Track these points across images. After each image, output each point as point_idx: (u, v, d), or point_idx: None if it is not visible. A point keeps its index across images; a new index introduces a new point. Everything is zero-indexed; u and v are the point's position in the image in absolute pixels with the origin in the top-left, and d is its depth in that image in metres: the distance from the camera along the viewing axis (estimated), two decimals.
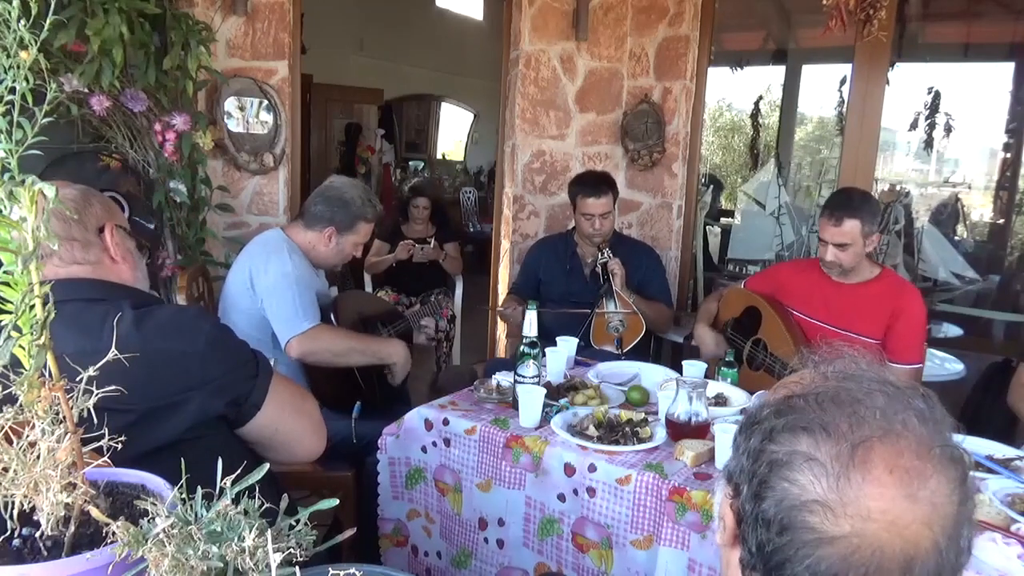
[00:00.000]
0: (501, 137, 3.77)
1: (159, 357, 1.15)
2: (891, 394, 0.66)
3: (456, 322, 4.35)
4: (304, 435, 1.37)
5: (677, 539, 1.58)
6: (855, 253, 2.27)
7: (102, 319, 1.14)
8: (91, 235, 1.25)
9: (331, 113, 8.07)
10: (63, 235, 1.22)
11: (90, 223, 1.25)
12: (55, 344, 1.04)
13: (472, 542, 1.91)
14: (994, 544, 1.35)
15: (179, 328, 1.20)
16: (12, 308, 0.74)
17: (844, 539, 0.61)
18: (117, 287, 1.26)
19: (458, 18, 8.88)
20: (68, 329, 1.13)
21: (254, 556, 0.66)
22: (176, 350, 1.18)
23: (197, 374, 1.18)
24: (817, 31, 2.84)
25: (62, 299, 1.13)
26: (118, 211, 1.34)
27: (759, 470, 0.66)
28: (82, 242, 1.24)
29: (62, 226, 1.22)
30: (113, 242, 1.27)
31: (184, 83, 2.64)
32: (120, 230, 1.30)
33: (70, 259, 1.23)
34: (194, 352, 1.19)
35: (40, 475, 0.73)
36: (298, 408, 1.36)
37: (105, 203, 1.31)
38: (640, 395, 2.05)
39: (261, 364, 1.30)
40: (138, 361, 0.99)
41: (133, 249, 1.33)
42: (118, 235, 1.29)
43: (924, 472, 0.62)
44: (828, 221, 2.27)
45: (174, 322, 1.21)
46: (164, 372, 1.16)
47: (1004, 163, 5.35)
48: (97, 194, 1.31)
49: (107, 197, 1.35)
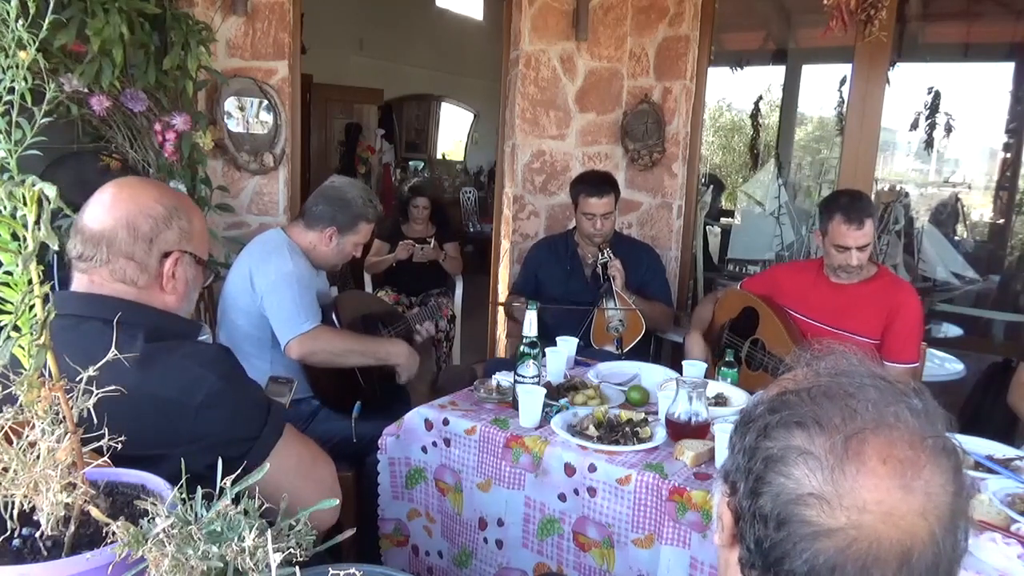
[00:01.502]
0: (501, 137, 3.77)
1: (150, 404, 1.06)
2: (882, 388, 0.67)
3: (456, 322, 4.36)
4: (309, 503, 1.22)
5: (678, 538, 1.58)
6: (869, 250, 2.31)
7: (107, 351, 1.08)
8: (152, 260, 1.17)
9: (331, 113, 8.07)
10: (123, 250, 1.15)
11: (158, 247, 1.17)
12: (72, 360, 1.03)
13: (472, 542, 1.91)
14: (994, 544, 1.35)
15: (182, 376, 1.10)
16: (12, 308, 0.74)
17: (841, 531, 0.61)
18: (146, 311, 1.17)
19: (458, 18, 8.88)
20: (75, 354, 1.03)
21: (254, 556, 0.66)
22: (170, 400, 1.08)
23: (185, 430, 1.08)
24: (817, 31, 2.84)
25: (90, 315, 1.11)
26: (197, 233, 1.24)
27: (755, 467, 0.67)
28: (139, 264, 1.16)
29: (128, 241, 1.15)
30: (171, 271, 1.19)
31: (184, 83, 2.64)
32: (188, 257, 1.22)
33: (120, 276, 1.16)
34: (189, 405, 1.09)
35: (40, 475, 0.73)
36: (306, 474, 1.23)
37: (186, 228, 1.21)
38: (640, 395, 2.05)
39: (269, 423, 1.17)
40: (128, 403, 0.92)
41: (192, 279, 1.24)
42: (182, 264, 1.21)
43: (917, 462, 0.62)
44: (850, 226, 2.25)
45: (179, 368, 1.11)
46: (151, 421, 1.06)
47: (1004, 163, 5.35)
48: (184, 214, 1.21)
49: (197, 217, 1.24)
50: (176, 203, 1.21)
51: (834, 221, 2.29)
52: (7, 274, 0.74)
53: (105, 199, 1.18)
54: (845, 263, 2.30)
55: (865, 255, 2.29)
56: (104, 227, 1.15)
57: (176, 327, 1.22)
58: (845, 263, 2.30)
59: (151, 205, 1.17)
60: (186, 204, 1.24)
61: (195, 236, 1.23)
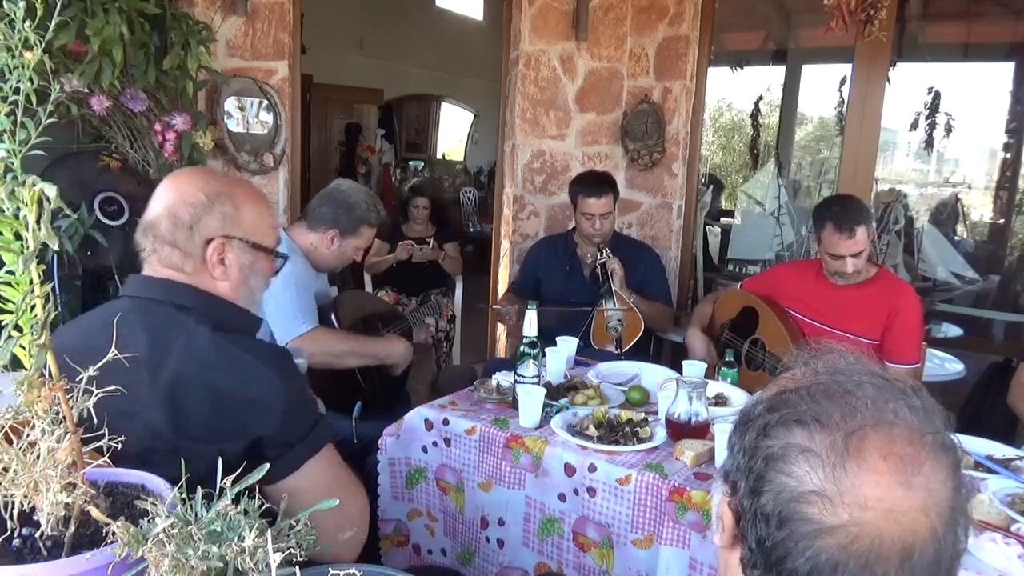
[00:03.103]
0: (501, 137, 3.77)
1: (208, 392, 1.09)
2: (880, 385, 0.67)
3: (456, 322, 4.35)
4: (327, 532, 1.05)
5: (678, 538, 1.58)
6: (866, 255, 2.30)
7: (177, 334, 1.12)
8: (195, 246, 1.19)
9: (331, 113, 8.07)
10: (166, 237, 1.17)
11: (200, 233, 1.19)
12: (127, 339, 1.08)
13: (474, 541, 1.91)
14: (994, 544, 1.35)
15: (242, 369, 1.12)
16: (13, 308, 0.74)
17: (843, 528, 0.61)
18: (209, 298, 1.20)
19: (458, 18, 8.88)
20: (144, 331, 1.12)
21: (254, 556, 0.66)
22: (227, 391, 1.10)
23: (234, 423, 1.10)
24: (817, 31, 2.84)
25: (153, 298, 1.17)
26: (248, 218, 1.23)
27: (755, 466, 0.67)
28: (183, 251, 1.18)
29: (170, 229, 1.17)
30: (216, 257, 1.20)
31: (184, 83, 2.64)
32: (238, 244, 1.22)
33: (167, 263, 1.19)
34: (243, 399, 1.10)
35: (40, 475, 0.73)
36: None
37: (231, 213, 1.21)
38: (640, 395, 2.05)
39: (310, 436, 1.16)
40: (190, 390, 1.01)
41: (248, 264, 1.24)
42: (232, 250, 1.21)
43: (917, 459, 0.62)
44: (841, 235, 2.25)
45: (241, 361, 1.13)
46: (207, 409, 1.09)
47: (1004, 163, 5.35)
48: (230, 200, 1.21)
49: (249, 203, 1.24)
50: (222, 190, 1.21)
51: (826, 230, 2.29)
52: (9, 274, 0.74)
53: (159, 190, 1.22)
54: (840, 270, 2.31)
55: (860, 261, 2.28)
56: (152, 217, 1.19)
57: (239, 320, 1.23)
58: (840, 270, 2.31)
59: (192, 192, 1.19)
60: (238, 191, 1.24)
61: (245, 221, 1.22)
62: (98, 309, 1.24)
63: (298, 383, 1.20)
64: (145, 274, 1.21)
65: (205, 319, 1.15)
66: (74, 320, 1.32)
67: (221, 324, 1.16)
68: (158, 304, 1.16)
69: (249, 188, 1.30)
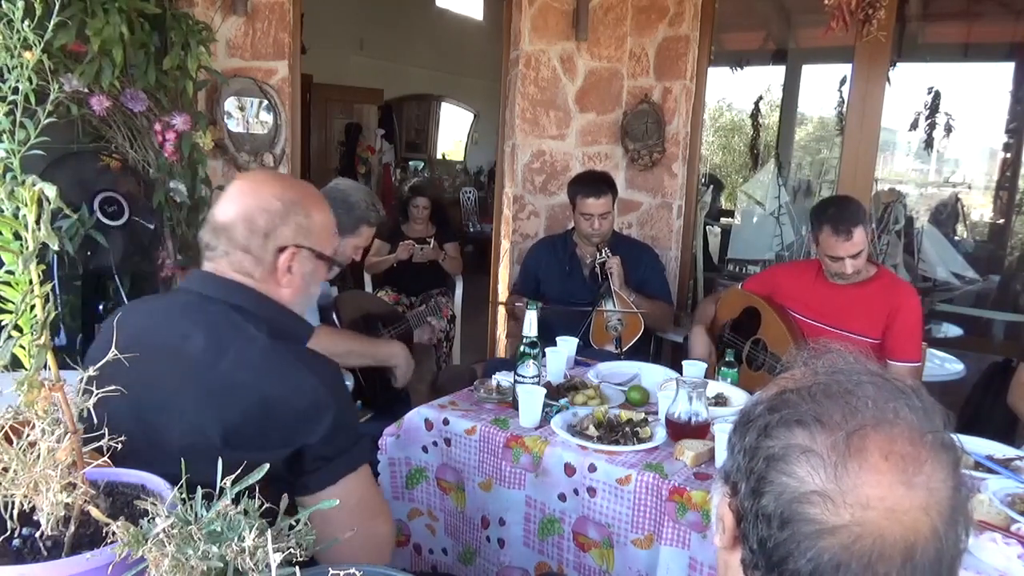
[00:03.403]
0: (501, 137, 3.77)
1: (257, 398, 1.08)
2: (880, 384, 0.67)
3: (456, 322, 4.35)
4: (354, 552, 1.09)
5: (678, 538, 1.58)
6: (865, 255, 2.30)
7: (233, 337, 1.12)
8: (268, 254, 1.19)
9: (331, 113, 8.07)
10: (240, 242, 1.18)
11: (274, 242, 1.19)
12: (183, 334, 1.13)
13: (476, 540, 1.91)
14: (994, 544, 1.35)
15: (295, 378, 1.11)
16: (13, 308, 0.74)
17: (845, 528, 0.61)
18: (269, 303, 1.21)
19: (458, 18, 8.88)
20: (201, 330, 1.13)
21: (254, 556, 0.66)
22: (278, 399, 1.09)
23: (280, 433, 1.08)
24: (817, 31, 2.84)
25: (214, 296, 1.18)
26: (318, 228, 1.24)
27: (756, 466, 0.66)
28: (256, 257, 1.19)
29: (244, 235, 1.18)
30: (285, 266, 1.21)
31: (184, 83, 2.64)
32: (306, 253, 1.23)
33: (237, 267, 1.19)
34: (293, 409, 1.10)
35: (40, 475, 0.73)
36: (360, 522, 1.14)
37: (304, 223, 1.22)
38: (640, 395, 2.05)
39: (349, 453, 1.14)
40: (241, 396, 1.03)
41: (310, 273, 1.25)
42: (299, 259, 1.22)
43: (918, 458, 0.62)
44: (838, 238, 2.25)
45: (295, 370, 1.12)
46: (254, 416, 1.08)
47: (1004, 163, 5.36)
48: (303, 209, 1.22)
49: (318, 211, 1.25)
50: (297, 198, 1.22)
51: (823, 233, 2.29)
52: (9, 273, 0.74)
53: (232, 192, 1.23)
54: (840, 271, 2.32)
55: (859, 261, 2.29)
56: (226, 219, 1.20)
57: (292, 327, 1.24)
58: (840, 271, 2.32)
59: (270, 200, 1.19)
60: (309, 199, 1.25)
61: (314, 231, 1.24)
62: (162, 298, 1.28)
63: (347, 398, 1.20)
64: (209, 271, 1.21)
65: (262, 324, 1.16)
66: (140, 300, 1.35)
67: (276, 330, 1.17)
68: (218, 304, 1.17)
69: (317, 195, 1.29)
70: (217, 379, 1.09)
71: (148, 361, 1.04)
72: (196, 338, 1.12)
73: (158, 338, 1.16)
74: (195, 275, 1.23)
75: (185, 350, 1.12)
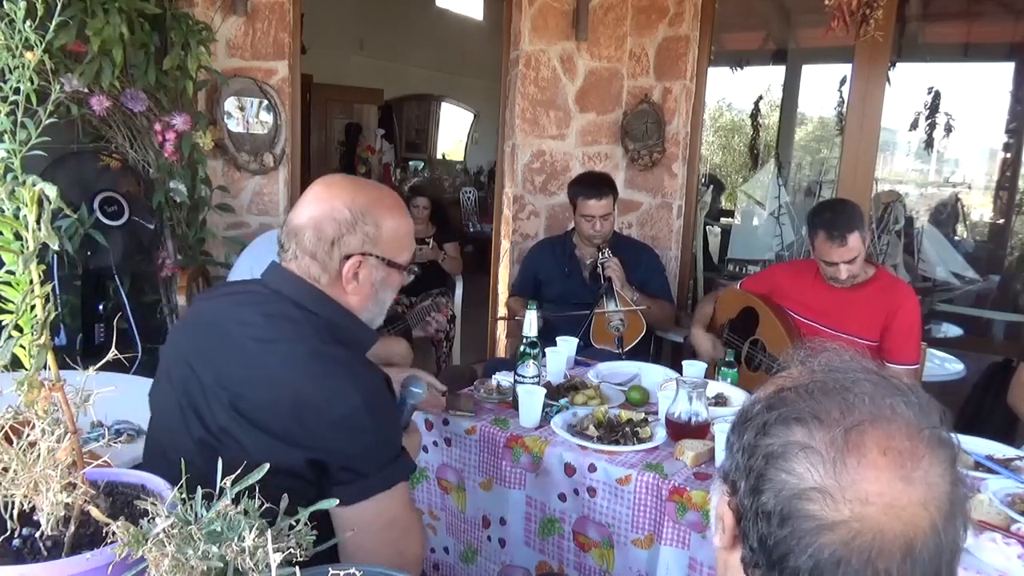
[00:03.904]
0: (501, 137, 3.77)
1: (289, 396, 1.09)
2: (876, 381, 0.67)
3: (456, 322, 4.35)
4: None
5: (678, 538, 1.58)
6: (861, 259, 2.29)
7: (287, 334, 1.15)
8: (334, 262, 1.20)
9: (331, 113, 8.07)
10: (308, 248, 1.20)
11: (340, 250, 1.20)
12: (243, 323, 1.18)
13: (477, 539, 1.91)
14: (994, 544, 1.35)
15: (331, 385, 1.10)
16: (13, 308, 0.74)
17: (844, 524, 0.61)
18: (335, 307, 1.21)
19: (458, 18, 8.87)
20: (260, 321, 1.17)
21: (254, 556, 0.66)
22: (310, 402, 1.09)
23: (307, 437, 1.08)
24: (817, 31, 2.84)
25: (282, 292, 1.21)
26: (388, 236, 1.24)
27: (755, 464, 0.67)
28: (321, 264, 1.20)
29: (312, 241, 1.19)
30: (351, 273, 1.21)
31: (184, 83, 2.64)
32: (373, 260, 1.23)
33: (304, 271, 1.21)
34: (324, 417, 1.09)
35: (40, 475, 0.73)
36: (391, 540, 1.14)
37: (373, 232, 1.21)
38: (640, 395, 2.05)
39: (386, 470, 1.13)
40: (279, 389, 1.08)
41: (379, 281, 1.26)
42: (366, 267, 1.23)
43: (916, 453, 0.62)
44: (832, 244, 2.24)
45: (333, 376, 1.11)
46: (285, 410, 1.09)
47: (1004, 163, 5.35)
48: (373, 218, 1.21)
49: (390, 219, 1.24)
50: (368, 207, 1.22)
51: (818, 238, 2.28)
52: (9, 273, 0.74)
53: (307, 196, 1.25)
54: (834, 276, 2.31)
55: (856, 266, 2.28)
56: (298, 224, 1.22)
57: (354, 333, 1.24)
58: (834, 276, 2.31)
59: (340, 209, 1.20)
60: (380, 207, 1.24)
61: (383, 240, 1.24)
62: (243, 285, 1.32)
63: (389, 415, 1.19)
64: (284, 267, 1.23)
65: (323, 326, 1.17)
66: (225, 285, 1.40)
67: (336, 335, 1.18)
68: (284, 300, 1.19)
69: (392, 201, 1.29)
70: (260, 368, 1.13)
71: (206, 337, 1.20)
72: (253, 328, 1.16)
73: (222, 320, 1.22)
74: (272, 268, 1.25)
75: (237, 334, 1.17)
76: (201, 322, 1.27)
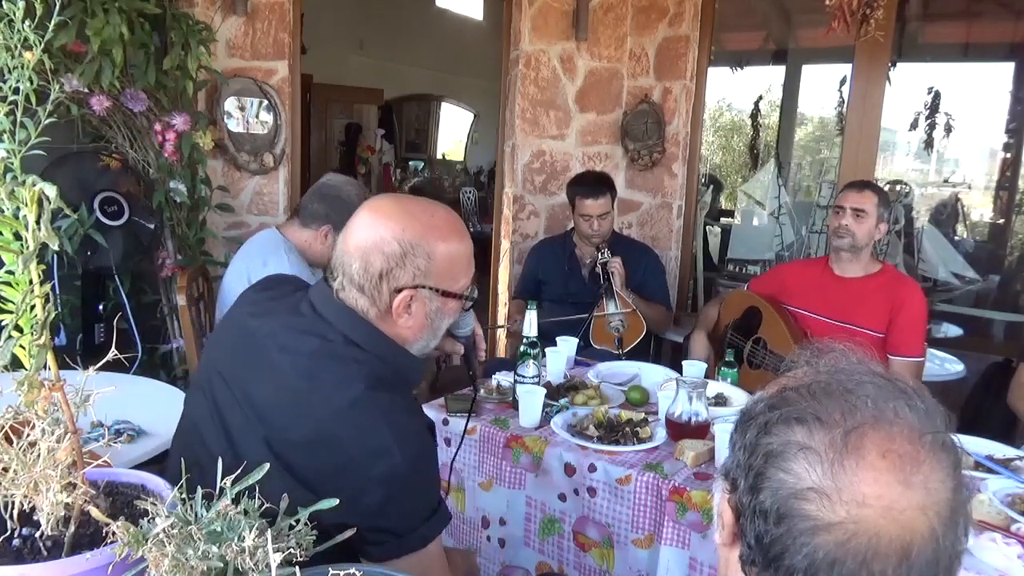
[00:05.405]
0: (501, 137, 3.77)
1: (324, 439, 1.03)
2: (881, 384, 0.67)
3: None
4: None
5: (678, 538, 1.58)
6: (868, 229, 2.34)
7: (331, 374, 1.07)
8: (383, 296, 1.11)
9: (331, 113, 8.07)
10: (356, 281, 1.11)
11: (388, 284, 1.11)
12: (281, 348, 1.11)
13: (476, 540, 1.91)
14: (994, 544, 1.35)
15: (372, 439, 1.03)
16: (13, 308, 0.74)
17: (840, 525, 0.61)
18: (383, 341, 1.13)
19: (458, 18, 8.87)
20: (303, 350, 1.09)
21: (254, 556, 0.66)
22: (346, 454, 1.02)
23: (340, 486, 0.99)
24: (817, 31, 2.84)
25: (328, 319, 1.13)
26: (440, 266, 1.13)
27: (755, 463, 0.67)
28: (370, 298, 1.11)
29: (360, 273, 1.11)
30: (402, 306, 1.12)
31: (184, 83, 2.64)
32: (427, 292, 1.13)
33: (352, 303, 1.13)
34: (361, 472, 1.02)
35: (40, 475, 0.73)
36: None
37: (424, 265, 1.11)
38: (640, 395, 2.05)
39: (423, 527, 1.07)
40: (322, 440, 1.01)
41: (435, 311, 1.16)
42: (419, 301, 1.13)
43: (916, 457, 0.62)
44: (851, 189, 2.40)
45: (374, 429, 1.03)
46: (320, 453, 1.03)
47: (1004, 163, 5.35)
48: (424, 250, 1.11)
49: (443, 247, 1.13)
50: (418, 237, 1.11)
51: (844, 189, 2.43)
52: (9, 274, 0.74)
53: (356, 223, 1.15)
54: (837, 224, 2.38)
55: (860, 226, 2.35)
56: (345, 253, 1.13)
57: (403, 369, 1.17)
58: (837, 224, 2.38)
59: (388, 241, 1.10)
60: (432, 235, 1.13)
61: (436, 271, 1.13)
62: (288, 300, 1.20)
63: (429, 469, 1.13)
64: (335, 293, 1.15)
65: (370, 362, 1.10)
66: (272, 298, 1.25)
67: (383, 372, 1.10)
68: (330, 329, 1.12)
69: (446, 225, 1.16)
70: (301, 408, 1.06)
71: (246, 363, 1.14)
72: (293, 358, 1.09)
73: (268, 347, 1.13)
74: (320, 291, 1.17)
75: (278, 361, 1.10)
76: (244, 342, 1.16)
